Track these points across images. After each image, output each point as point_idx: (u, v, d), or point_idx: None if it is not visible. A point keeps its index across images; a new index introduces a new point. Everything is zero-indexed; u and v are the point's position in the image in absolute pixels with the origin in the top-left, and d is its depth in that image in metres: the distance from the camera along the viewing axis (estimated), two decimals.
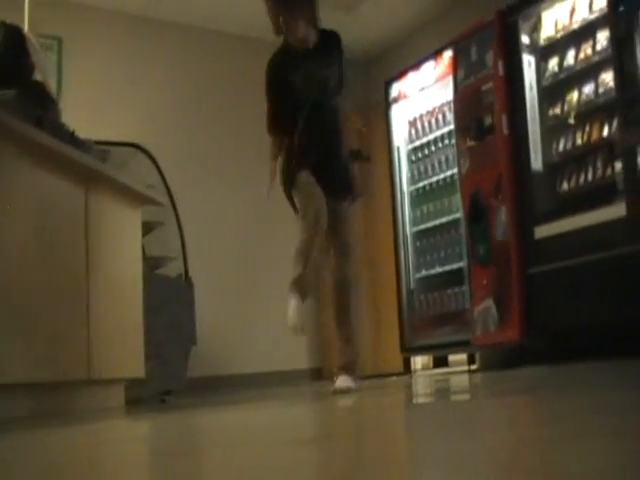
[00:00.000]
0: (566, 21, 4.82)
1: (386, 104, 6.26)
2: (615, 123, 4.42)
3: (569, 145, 4.83)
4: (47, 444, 1.99)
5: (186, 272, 5.62)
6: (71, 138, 3.68)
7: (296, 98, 3.82)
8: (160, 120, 6.37)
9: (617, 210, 4.27)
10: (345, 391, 3.52)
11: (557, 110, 4.92)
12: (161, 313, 4.60)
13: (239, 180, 6.73)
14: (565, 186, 4.83)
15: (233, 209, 6.68)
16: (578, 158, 4.78)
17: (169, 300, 4.85)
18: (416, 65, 6.02)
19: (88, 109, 5.79)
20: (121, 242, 4.16)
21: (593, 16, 4.63)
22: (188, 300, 5.15)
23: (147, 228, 4.90)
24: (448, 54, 5.58)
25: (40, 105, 3.59)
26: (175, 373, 4.84)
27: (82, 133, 3.88)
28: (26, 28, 4.58)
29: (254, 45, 7.04)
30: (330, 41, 3.97)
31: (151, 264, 5.12)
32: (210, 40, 6.83)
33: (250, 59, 7.04)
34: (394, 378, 5.64)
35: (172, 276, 5.44)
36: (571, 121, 4.82)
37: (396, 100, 6.17)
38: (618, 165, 4.40)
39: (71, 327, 3.56)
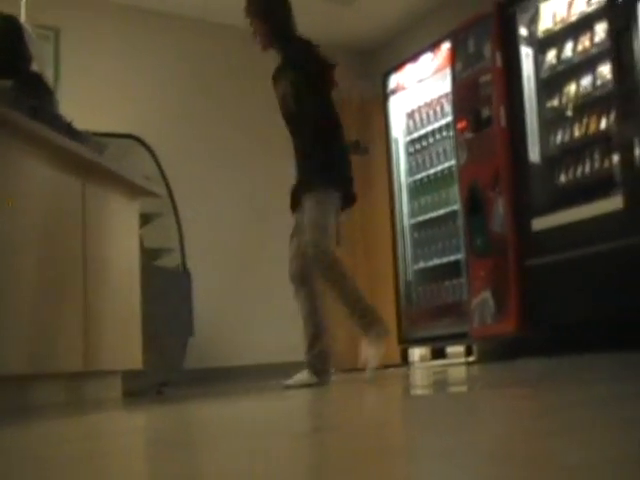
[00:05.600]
0: (564, 13, 4.82)
1: (384, 96, 6.25)
2: (613, 115, 4.42)
3: (567, 137, 4.83)
4: (44, 435, 1.99)
5: (184, 263, 5.62)
6: (68, 129, 3.67)
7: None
8: (158, 112, 6.35)
9: (614, 202, 4.27)
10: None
11: (555, 102, 4.92)
12: (159, 304, 4.60)
13: (238, 171, 6.72)
14: (563, 178, 4.83)
15: (232, 200, 6.67)
16: (576, 150, 4.78)
17: (167, 291, 4.85)
18: (414, 57, 6.00)
19: (86, 100, 5.78)
20: (119, 233, 4.16)
21: (591, 8, 4.62)
22: (186, 291, 5.15)
23: (145, 219, 4.90)
24: (446, 46, 5.56)
25: (36, 96, 3.58)
26: (172, 364, 4.85)
27: (80, 124, 3.87)
28: (23, 19, 4.57)
29: (251, 36, 7.03)
30: (289, 59, 3.99)
31: (149, 255, 5.12)
32: (210, 32, 6.81)
33: (250, 52, 7.02)
34: (391, 370, 5.65)
35: (170, 267, 5.44)
36: (569, 113, 4.82)
37: (394, 92, 6.16)
38: (615, 157, 4.40)
39: (68, 318, 3.56)
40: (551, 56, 4.93)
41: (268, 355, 6.53)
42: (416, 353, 6.69)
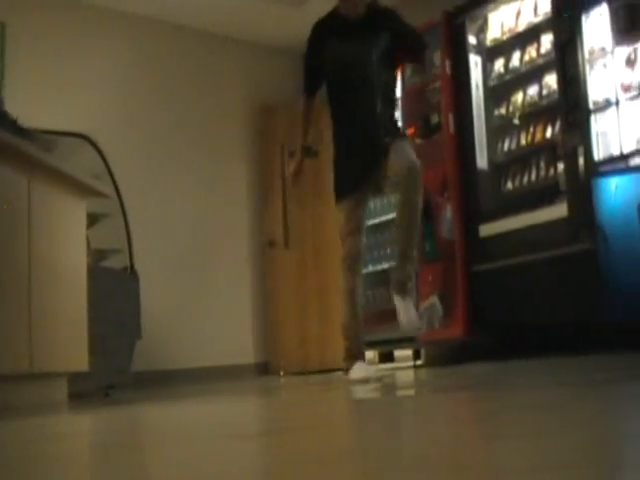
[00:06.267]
0: (512, 24, 4.91)
1: None
2: (558, 125, 4.52)
3: (514, 145, 4.92)
4: None
5: (131, 264, 5.56)
6: (14, 126, 3.61)
7: (331, 67, 3.86)
8: (108, 111, 6.27)
9: (559, 210, 4.37)
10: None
11: (502, 110, 5.01)
12: (106, 306, 4.54)
13: (187, 172, 6.68)
14: (509, 185, 4.92)
15: (180, 202, 6.62)
16: (522, 158, 4.87)
17: (114, 293, 4.79)
18: None
19: (34, 98, 5.67)
20: (65, 233, 4.10)
21: (538, 19, 4.72)
22: (133, 293, 5.10)
23: (92, 220, 4.84)
24: None
25: None
26: (120, 367, 4.79)
27: (28, 122, 3.80)
28: None
29: (209, 40, 7.00)
30: (377, 19, 3.86)
31: (96, 256, 5.06)
32: (162, 32, 6.74)
33: (203, 53, 7.01)
34: (339, 373, 5.68)
35: (117, 268, 5.38)
36: (516, 121, 4.92)
37: None
38: (560, 166, 4.50)
39: (12, 320, 3.49)
40: (499, 65, 5.02)
41: (217, 357, 6.50)
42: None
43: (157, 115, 6.59)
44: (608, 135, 4.08)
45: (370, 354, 6.70)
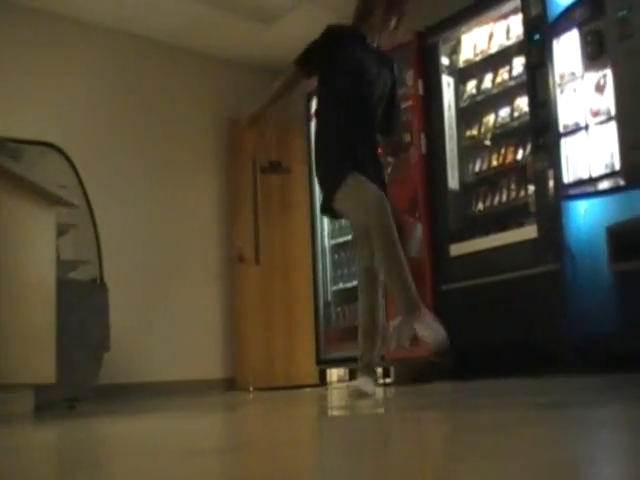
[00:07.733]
0: (484, 45, 4.97)
1: (306, 117, 6.29)
2: (528, 147, 4.58)
3: (484, 166, 4.97)
4: None
5: (101, 276, 5.51)
6: None
7: (348, 69, 3.70)
8: (77, 120, 6.23)
9: (528, 232, 4.41)
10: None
11: (474, 131, 5.06)
12: (74, 318, 4.50)
13: (157, 185, 6.65)
14: (480, 206, 4.96)
15: (150, 214, 6.59)
16: (493, 179, 4.92)
17: (82, 305, 4.75)
18: None
19: (0, 107, 5.62)
20: (34, 244, 4.06)
21: (510, 42, 4.79)
22: (102, 305, 5.05)
23: (61, 230, 4.79)
24: None
25: None
26: (86, 379, 4.74)
27: None
28: None
29: (180, 53, 7.00)
30: (388, 60, 3.84)
31: (65, 267, 5.00)
32: (134, 45, 6.73)
33: (174, 67, 7.00)
34: (308, 390, 5.67)
35: (86, 280, 5.33)
36: (487, 143, 4.97)
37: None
38: (530, 188, 4.55)
39: None
40: (471, 86, 5.07)
41: (184, 372, 6.46)
42: (334, 373, 6.72)
43: (126, 127, 6.56)
44: (577, 158, 4.13)
45: (340, 371, 6.71)
